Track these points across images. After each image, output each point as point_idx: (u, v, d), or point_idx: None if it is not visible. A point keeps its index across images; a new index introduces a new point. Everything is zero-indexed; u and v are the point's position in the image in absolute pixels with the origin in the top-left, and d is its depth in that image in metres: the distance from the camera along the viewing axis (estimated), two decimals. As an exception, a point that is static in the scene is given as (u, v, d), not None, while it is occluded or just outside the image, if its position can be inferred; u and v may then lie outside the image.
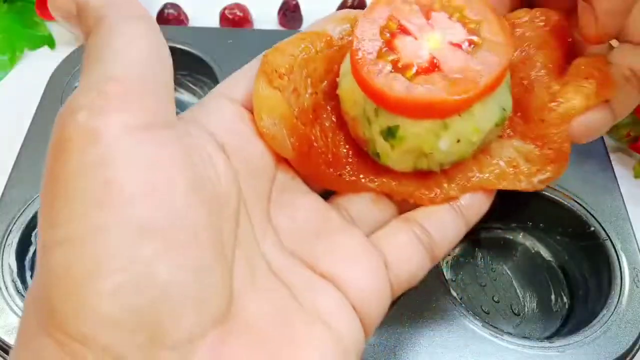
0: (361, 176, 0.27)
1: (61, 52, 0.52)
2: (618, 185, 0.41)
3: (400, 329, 0.34)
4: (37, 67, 0.53)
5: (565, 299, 0.40)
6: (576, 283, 0.40)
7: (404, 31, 0.26)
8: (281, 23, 0.57)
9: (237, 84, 0.26)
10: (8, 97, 0.52)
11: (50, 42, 0.55)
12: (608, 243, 0.38)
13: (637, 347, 0.34)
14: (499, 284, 0.41)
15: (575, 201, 0.39)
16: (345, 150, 0.27)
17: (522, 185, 0.27)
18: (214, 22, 0.57)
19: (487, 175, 0.27)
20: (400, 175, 0.27)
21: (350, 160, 0.27)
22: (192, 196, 0.19)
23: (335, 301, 0.22)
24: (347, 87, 0.26)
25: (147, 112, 0.19)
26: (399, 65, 0.25)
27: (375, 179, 0.26)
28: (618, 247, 0.37)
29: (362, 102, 0.25)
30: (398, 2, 0.26)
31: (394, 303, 0.25)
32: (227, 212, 0.21)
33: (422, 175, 0.27)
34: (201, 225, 0.19)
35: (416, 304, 0.35)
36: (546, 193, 0.40)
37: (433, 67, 0.24)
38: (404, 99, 0.24)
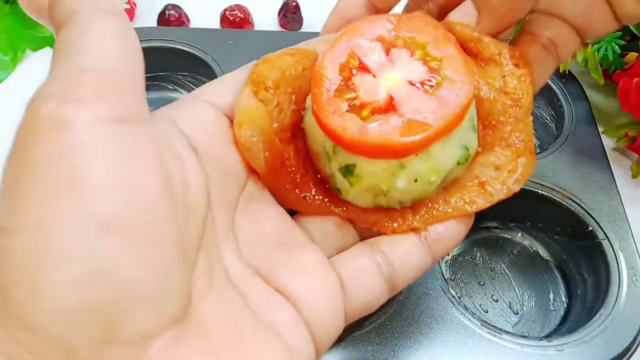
0: (326, 200, 0.26)
1: (63, 53, 0.53)
2: (616, 185, 0.41)
3: (399, 328, 0.34)
4: (39, 67, 0.53)
5: (563, 298, 0.40)
6: (574, 282, 0.40)
7: (364, 69, 0.25)
8: (281, 24, 0.58)
9: (220, 90, 0.25)
10: (10, 97, 0.52)
11: (52, 43, 0.55)
12: (606, 242, 0.38)
13: (634, 346, 0.34)
14: (498, 283, 0.41)
15: (574, 201, 0.40)
16: (313, 174, 0.27)
17: (495, 198, 0.26)
18: (214, 23, 0.57)
19: (454, 204, 0.26)
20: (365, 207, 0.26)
21: (317, 185, 0.26)
22: (161, 195, 0.19)
23: (289, 316, 0.22)
24: (310, 122, 0.25)
25: (120, 104, 0.19)
26: (356, 103, 0.24)
27: (341, 206, 0.26)
28: (616, 246, 0.38)
29: (321, 138, 0.25)
30: (360, 38, 0.26)
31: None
32: (195, 214, 0.21)
33: (386, 208, 0.26)
34: (167, 225, 0.19)
35: (415, 303, 0.35)
36: (545, 193, 0.40)
37: (389, 106, 0.24)
38: (356, 140, 0.23)
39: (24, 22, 0.56)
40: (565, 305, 0.40)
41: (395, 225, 0.25)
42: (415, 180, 0.25)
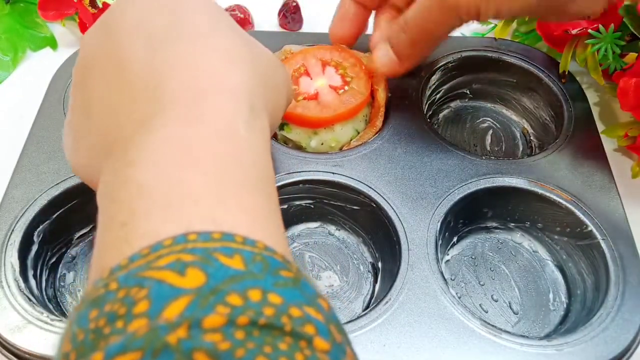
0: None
1: (63, 53, 0.53)
2: (615, 185, 0.41)
3: (399, 328, 0.34)
4: (40, 67, 0.53)
5: (563, 298, 0.40)
6: (574, 282, 0.40)
7: (307, 74, 0.43)
8: (281, 24, 0.58)
9: None
10: (10, 97, 0.52)
11: (53, 43, 0.55)
12: (606, 242, 0.38)
13: (634, 345, 0.34)
14: (498, 283, 0.41)
15: (573, 201, 0.40)
16: None
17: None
18: (214, 23, 0.57)
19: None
20: None
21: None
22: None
23: None
24: None
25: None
26: (297, 92, 0.42)
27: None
28: (615, 246, 0.38)
29: None
30: (308, 56, 0.44)
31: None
32: None
33: None
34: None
35: (415, 303, 0.35)
36: (544, 193, 0.40)
37: (315, 97, 0.42)
38: (289, 112, 0.40)
39: (24, 22, 0.56)
40: (565, 305, 0.40)
41: None
42: (322, 144, 0.42)
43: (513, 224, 0.43)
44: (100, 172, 0.25)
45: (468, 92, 0.51)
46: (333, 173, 0.40)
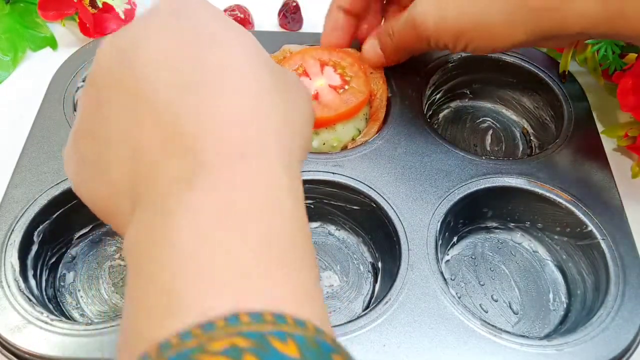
0: None
1: (63, 53, 0.53)
2: (615, 185, 0.41)
3: (399, 328, 0.34)
4: (40, 67, 0.53)
5: (563, 298, 0.40)
6: (574, 282, 0.40)
7: (306, 74, 0.43)
8: (281, 24, 0.58)
9: None
10: (10, 97, 0.52)
11: (53, 43, 0.55)
12: (605, 242, 0.38)
13: (634, 345, 0.34)
14: (498, 283, 0.41)
15: (573, 201, 0.40)
16: None
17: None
18: (214, 23, 0.57)
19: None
20: None
21: None
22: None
23: None
24: None
25: None
26: None
27: None
28: (615, 246, 0.38)
29: None
30: (306, 57, 0.44)
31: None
32: None
33: None
34: None
35: (415, 303, 0.35)
36: (544, 193, 0.40)
37: (315, 97, 0.42)
38: None
39: (24, 22, 0.56)
40: (565, 305, 0.40)
41: None
42: (324, 144, 0.42)
43: (513, 224, 0.43)
44: (121, 213, 0.24)
45: (468, 92, 0.51)
46: (333, 173, 0.40)
